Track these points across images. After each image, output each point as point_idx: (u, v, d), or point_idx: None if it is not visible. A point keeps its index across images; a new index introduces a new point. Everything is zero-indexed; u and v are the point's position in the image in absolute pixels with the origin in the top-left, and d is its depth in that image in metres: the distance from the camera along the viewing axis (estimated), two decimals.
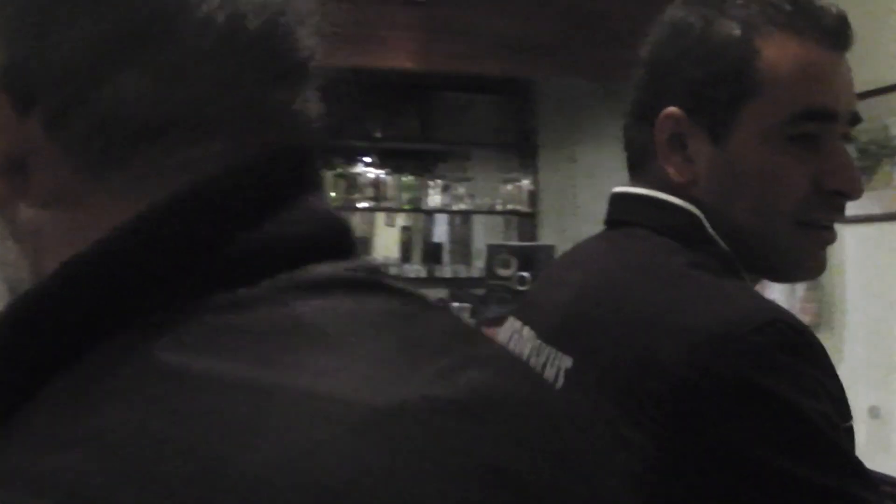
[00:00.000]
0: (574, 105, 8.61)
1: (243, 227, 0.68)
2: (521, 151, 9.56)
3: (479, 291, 6.99)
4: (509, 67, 7.53)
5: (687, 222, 1.43)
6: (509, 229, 9.83)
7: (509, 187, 9.41)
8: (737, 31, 1.41)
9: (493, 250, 6.47)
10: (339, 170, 9.19)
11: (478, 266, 9.30)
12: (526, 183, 9.31)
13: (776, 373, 1.19)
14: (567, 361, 1.36)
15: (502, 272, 6.16)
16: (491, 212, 9.64)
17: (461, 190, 9.44)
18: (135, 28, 0.70)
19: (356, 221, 10.66)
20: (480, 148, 9.91)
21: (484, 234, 9.95)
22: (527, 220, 9.31)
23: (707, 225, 1.42)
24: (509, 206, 9.42)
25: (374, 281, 0.74)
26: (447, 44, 7.42)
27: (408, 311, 0.74)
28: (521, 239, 9.16)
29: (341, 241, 0.76)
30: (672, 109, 1.43)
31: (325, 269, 0.71)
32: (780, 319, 1.23)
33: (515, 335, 1.55)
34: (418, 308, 0.75)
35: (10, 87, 0.70)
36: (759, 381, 1.18)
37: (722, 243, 1.42)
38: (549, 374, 1.37)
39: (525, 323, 1.54)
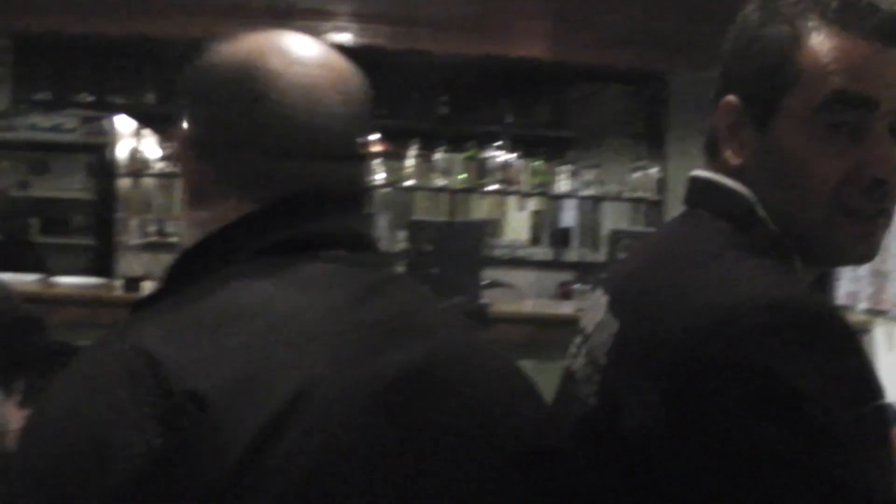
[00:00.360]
0: (704, 95, 8.63)
1: (284, 228, 1.32)
2: (650, 140, 9.64)
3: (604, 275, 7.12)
4: (638, 60, 7.61)
5: (740, 206, 1.52)
6: (637, 216, 9.90)
7: (637, 174, 9.47)
8: (784, 27, 1.50)
9: (616, 236, 6.59)
10: (471, 153, 9.37)
11: (605, 251, 9.40)
12: (654, 171, 9.38)
13: (771, 353, 1.27)
14: (615, 327, 1.51)
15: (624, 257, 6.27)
16: (618, 198, 9.71)
17: (590, 176, 9.50)
18: (258, 125, 1.34)
19: (486, 204, 10.83)
20: (610, 135, 9.99)
21: (612, 220, 10.02)
22: (654, 208, 9.40)
23: (759, 209, 1.51)
24: (637, 194, 9.50)
25: (363, 261, 1.35)
26: (578, 34, 7.53)
27: (378, 279, 1.34)
28: (648, 226, 9.23)
29: (353, 239, 1.37)
30: (730, 98, 1.55)
31: (332, 252, 1.33)
32: (790, 301, 1.31)
33: (596, 302, 1.69)
34: (388, 280, 1.36)
35: (194, 149, 1.37)
36: (750, 359, 1.27)
37: (773, 227, 1.50)
38: (603, 336, 1.54)
39: (605, 293, 1.67)
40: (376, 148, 9.70)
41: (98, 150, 8.80)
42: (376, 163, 9.39)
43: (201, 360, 1.13)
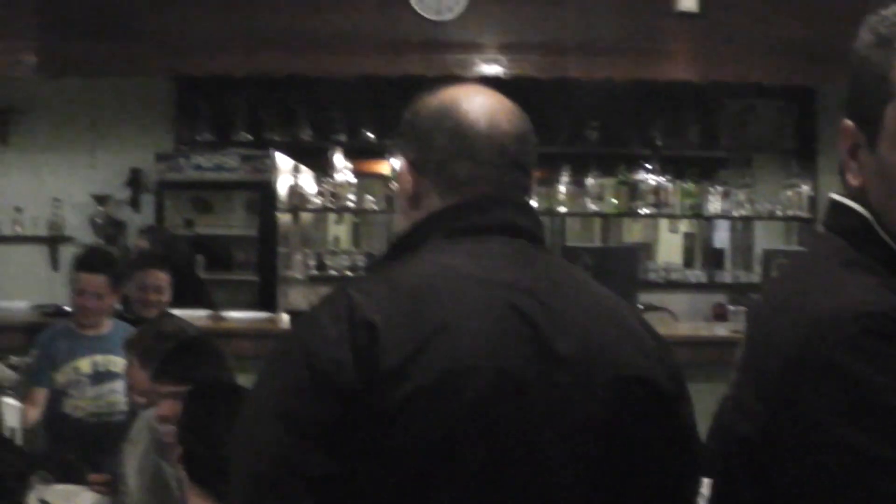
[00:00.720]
0: None
1: (461, 219, 1.81)
2: (802, 156, 9.56)
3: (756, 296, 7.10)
4: (788, 75, 7.57)
5: (857, 224, 1.58)
6: (790, 235, 9.84)
7: (790, 193, 9.38)
8: (883, 46, 1.56)
9: (769, 255, 6.59)
10: (622, 177, 9.42)
11: (759, 271, 9.35)
12: (806, 189, 9.30)
13: (864, 357, 1.37)
14: (745, 343, 1.63)
15: None
16: (771, 217, 9.64)
17: (742, 196, 9.47)
18: (457, 147, 1.85)
19: (637, 227, 10.86)
20: (761, 154, 9.92)
21: (766, 240, 9.95)
22: (807, 226, 9.29)
23: (877, 226, 1.56)
24: (790, 212, 9.42)
25: (514, 242, 1.81)
26: (726, 53, 7.54)
27: (523, 254, 1.80)
28: (801, 245, 9.14)
29: (511, 228, 1.83)
30: (846, 122, 1.60)
31: (494, 236, 1.80)
32: (882, 311, 1.40)
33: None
34: (531, 255, 1.81)
35: (414, 168, 1.90)
36: (846, 363, 1.37)
37: (891, 243, 1.55)
38: (738, 354, 1.65)
39: None
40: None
41: (259, 187, 9.08)
42: None
43: (379, 300, 1.66)
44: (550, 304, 1.73)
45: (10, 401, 4.76)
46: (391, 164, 8.94)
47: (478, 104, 1.90)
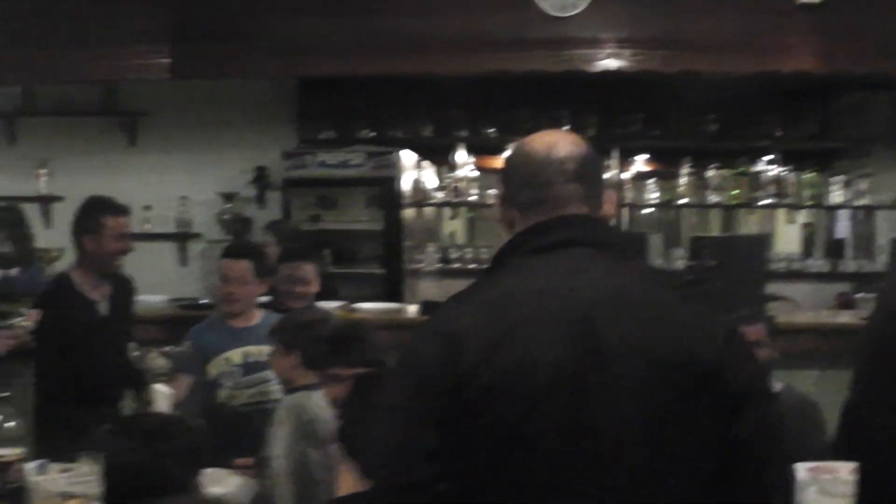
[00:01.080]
0: None
1: (535, 239, 2.24)
2: None
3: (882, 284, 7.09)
4: None
5: None
6: None
7: None
8: None
9: None
10: (742, 168, 9.44)
11: (882, 260, 9.33)
12: None
13: None
14: None
15: None
16: (893, 207, 9.58)
17: (863, 185, 9.44)
18: (525, 179, 2.30)
19: (754, 219, 10.83)
20: (882, 143, 9.86)
21: (887, 229, 9.89)
22: None
23: None
24: None
25: (579, 253, 2.21)
26: (847, 45, 7.52)
27: (589, 260, 2.20)
28: None
29: (578, 241, 2.22)
30: None
31: (563, 249, 2.21)
32: None
33: None
34: (600, 259, 2.21)
35: (505, 200, 2.34)
36: None
37: None
38: None
39: None
40: (646, 168, 9.88)
41: (383, 183, 9.26)
42: (650, 182, 9.58)
43: (467, 314, 2.14)
44: (602, 306, 2.12)
45: (161, 387, 4.92)
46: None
47: (541, 142, 2.33)
